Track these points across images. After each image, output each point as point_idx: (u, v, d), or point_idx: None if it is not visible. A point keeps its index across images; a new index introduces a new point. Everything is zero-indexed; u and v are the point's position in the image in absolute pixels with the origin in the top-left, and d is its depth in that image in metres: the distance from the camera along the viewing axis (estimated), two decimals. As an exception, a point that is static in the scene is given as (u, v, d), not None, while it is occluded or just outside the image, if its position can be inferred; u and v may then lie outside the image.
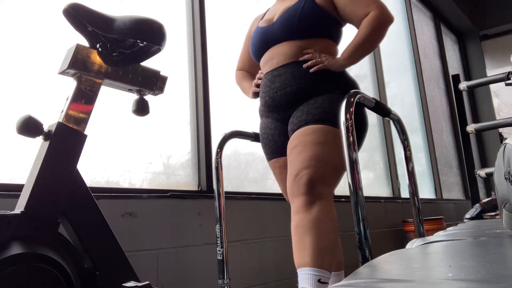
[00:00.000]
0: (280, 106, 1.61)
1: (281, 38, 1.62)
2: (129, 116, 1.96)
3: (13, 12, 1.68)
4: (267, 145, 1.72)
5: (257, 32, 1.72)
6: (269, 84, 1.63)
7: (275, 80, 1.61)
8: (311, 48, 1.60)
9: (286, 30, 1.60)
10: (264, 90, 1.65)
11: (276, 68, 1.62)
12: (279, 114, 1.63)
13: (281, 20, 1.62)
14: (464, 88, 2.82)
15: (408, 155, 1.74)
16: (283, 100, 1.59)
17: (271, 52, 1.65)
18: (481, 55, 6.63)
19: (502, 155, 0.83)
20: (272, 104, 1.62)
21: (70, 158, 1.25)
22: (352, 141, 1.32)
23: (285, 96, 1.58)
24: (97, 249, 1.24)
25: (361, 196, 1.28)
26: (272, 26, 1.66)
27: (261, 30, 1.70)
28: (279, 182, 1.77)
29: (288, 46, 1.61)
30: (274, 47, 1.64)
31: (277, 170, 1.73)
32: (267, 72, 1.65)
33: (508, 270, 0.51)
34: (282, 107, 1.60)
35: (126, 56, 1.42)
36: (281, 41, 1.63)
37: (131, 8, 2.12)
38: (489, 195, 5.08)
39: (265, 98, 1.65)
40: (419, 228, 1.69)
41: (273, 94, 1.61)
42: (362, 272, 0.60)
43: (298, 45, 1.60)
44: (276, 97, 1.60)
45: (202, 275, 1.97)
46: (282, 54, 1.61)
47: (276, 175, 1.75)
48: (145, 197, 1.84)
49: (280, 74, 1.60)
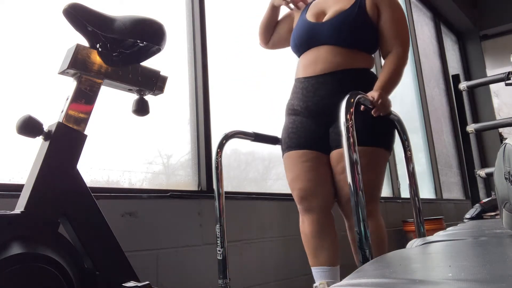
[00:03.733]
0: (323, 113, 1.68)
1: (327, 41, 1.67)
2: (129, 116, 1.96)
3: (13, 12, 1.68)
4: (301, 137, 1.72)
5: (304, 25, 1.74)
6: (313, 90, 1.68)
7: (321, 88, 1.66)
8: (353, 58, 1.67)
9: (335, 35, 1.66)
10: (307, 94, 1.70)
11: (322, 75, 1.67)
12: (321, 119, 1.70)
13: (332, 23, 1.67)
14: (464, 88, 2.82)
15: (408, 155, 1.74)
16: (327, 108, 1.66)
17: (315, 53, 1.70)
18: (481, 55, 6.63)
19: (502, 155, 0.83)
20: (317, 110, 1.69)
21: (70, 158, 1.25)
22: (353, 141, 1.32)
23: (330, 105, 1.64)
24: (97, 249, 1.24)
25: (361, 196, 1.28)
26: (322, 26, 1.69)
27: (309, 25, 1.72)
28: (299, 171, 1.71)
29: (333, 53, 1.66)
30: (318, 48, 1.69)
31: (306, 159, 1.71)
32: (311, 76, 1.69)
33: (508, 270, 0.51)
34: (325, 114, 1.67)
35: (126, 56, 1.42)
36: (326, 43, 1.67)
37: (131, 8, 2.12)
38: (489, 195, 5.08)
39: (308, 103, 1.70)
40: (419, 228, 1.69)
41: (318, 101, 1.67)
42: (362, 271, 0.60)
43: (342, 52, 1.66)
44: (321, 104, 1.67)
45: (202, 275, 1.97)
46: (328, 61, 1.66)
47: (300, 163, 1.72)
48: (145, 197, 1.84)
49: (326, 82, 1.66)
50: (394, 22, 1.69)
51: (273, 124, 2.76)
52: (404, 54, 1.68)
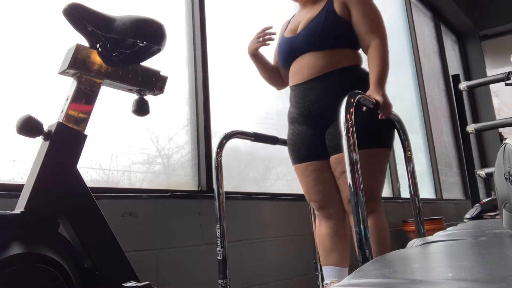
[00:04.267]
0: (317, 116, 1.72)
1: (305, 50, 1.74)
2: (129, 116, 1.96)
3: (13, 12, 1.68)
4: (300, 149, 1.80)
5: (283, 42, 1.84)
6: (303, 96, 1.74)
7: (309, 93, 1.72)
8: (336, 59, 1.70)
9: (309, 42, 1.72)
10: (298, 101, 1.76)
11: (308, 81, 1.73)
12: (315, 123, 1.74)
13: (304, 32, 1.74)
14: (464, 88, 2.82)
15: (408, 156, 1.74)
16: (320, 112, 1.71)
17: (299, 63, 1.76)
18: (481, 55, 6.63)
19: (502, 155, 0.83)
20: (309, 114, 1.74)
21: (70, 158, 1.25)
22: (353, 142, 1.32)
23: (322, 108, 1.70)
24: (97, 249, 1.24)
25: (361, 196, 1.28)
26: (296, 38, 1.77)
27: (286, 40, 1.82)
28: (307, 185, 1.81)
29: (315, 58, 1.71)
30: (301, 57, 1.76)
31: (309, 173, 1.79)
32: (299, 83, 1.76)
33: (508, 270, 0.50)
34: (319, 117, 1.72)
35: (126, 56, 1.42)
36: (305, 52, 1.74)
37: (131, 8, 2.12)
38: (489, 195, 5.07)
39: (301, 108, 1.76)
40: (419, 228, 1.69)
41: (309, 105, 1.73)
42: (362, 271, 0.60)
43: (323, 56, 1.70)
44: (313, 109, 1.72)
45: (202, 275, 1.97)
46: (311, 67, 1.72)
47: (305, 177, 1.81)
48: (145, 197, 1.84)
49: (313, 87, 1.72)
50: (365, 17, 1.71)
51: (273, 124, 2.76)
52: (383, 43, 1.69)
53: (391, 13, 4.80)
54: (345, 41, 1.73)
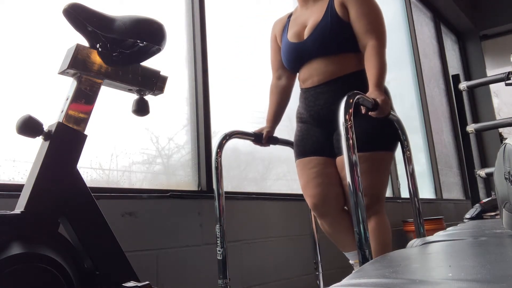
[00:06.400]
0: (325, 121, 1.76)
1: (314, 56, 1.77)
2: (129, 116, 1.96)
3: (13, 12, 1.68)
4: (307, 145, 1.82)
5: (289, 47, 1.84)
6: (313, 100, 1.78)
7: (320, 97, 1.76)
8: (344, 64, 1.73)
9: (318, 48, 1.74)
10: (309, 104, 1.80)
11: (319, 86, 1.77)
12: (325, 125, 1.77)
13: (312, 38, 1.75)
14: (464, 88, 2.82)
15: (408, 156, 1.74)
16: (329, 116, 1.73)
17: (309, 68, 1.79)
18: (481, 55, 6.63)
19: (502, 155, 0.83)
20: (319, 118, 1.78)
21: (70, 158, 1.25)
22: (352, 142, 1.32)
23: (331, 112, 1.71)
24: (97, 249, 1.24)
25: (360, 197, 1.28)
26: (304, 44, 1.78)
27: (293, 46, 1.82)
28: (308, 177, 1.80)
29: (325, 64, 1.75)
30: (311, 63, 1.78)
31: (313, 165, 1.79)
32: (309, 87, 1.80)
33: (508, 270, 0.50)
34: (327, 121, 1.75)
35: (126, 56, 1.42)
36: (314, 57, 1.77)
37: (131, 8, 2.12)
38: (489, 195, 5.07)
39: (311, 112, 1.80)
40: (419, 228, 1.69)
41: (319, 109, 1.77)
42: (362, 271, 0.60)
43: (332, 61, 1.74)
44: (322, 113, 1.76)
45: (202, 275, 1.97)
46: (322, 72, 1.75)
47: (308, 169, 1.81)
48: (145, 197, 1.84)
49: (323, 91, 1.76)
50: (362, 17, 1.70)
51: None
52: (380, 44, 1.69)
53: (391, 13, 4.80)
54: (351, 46, 1.74)
